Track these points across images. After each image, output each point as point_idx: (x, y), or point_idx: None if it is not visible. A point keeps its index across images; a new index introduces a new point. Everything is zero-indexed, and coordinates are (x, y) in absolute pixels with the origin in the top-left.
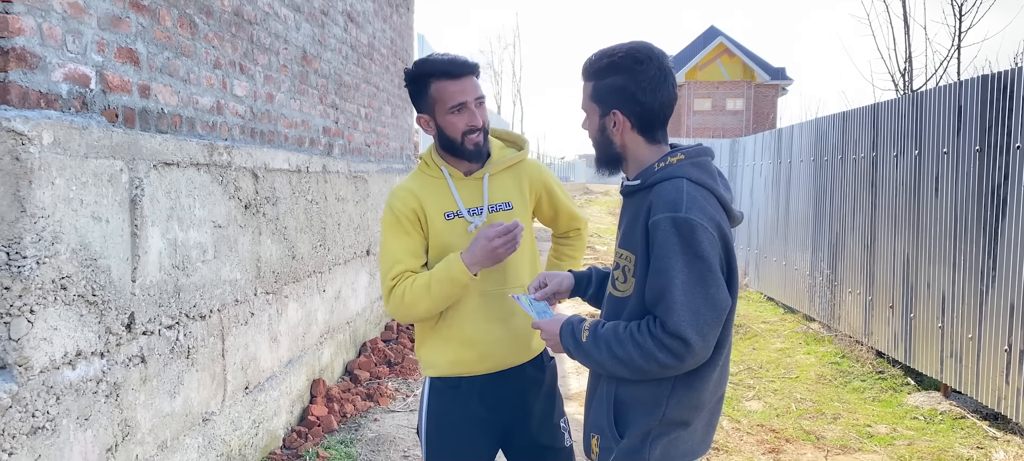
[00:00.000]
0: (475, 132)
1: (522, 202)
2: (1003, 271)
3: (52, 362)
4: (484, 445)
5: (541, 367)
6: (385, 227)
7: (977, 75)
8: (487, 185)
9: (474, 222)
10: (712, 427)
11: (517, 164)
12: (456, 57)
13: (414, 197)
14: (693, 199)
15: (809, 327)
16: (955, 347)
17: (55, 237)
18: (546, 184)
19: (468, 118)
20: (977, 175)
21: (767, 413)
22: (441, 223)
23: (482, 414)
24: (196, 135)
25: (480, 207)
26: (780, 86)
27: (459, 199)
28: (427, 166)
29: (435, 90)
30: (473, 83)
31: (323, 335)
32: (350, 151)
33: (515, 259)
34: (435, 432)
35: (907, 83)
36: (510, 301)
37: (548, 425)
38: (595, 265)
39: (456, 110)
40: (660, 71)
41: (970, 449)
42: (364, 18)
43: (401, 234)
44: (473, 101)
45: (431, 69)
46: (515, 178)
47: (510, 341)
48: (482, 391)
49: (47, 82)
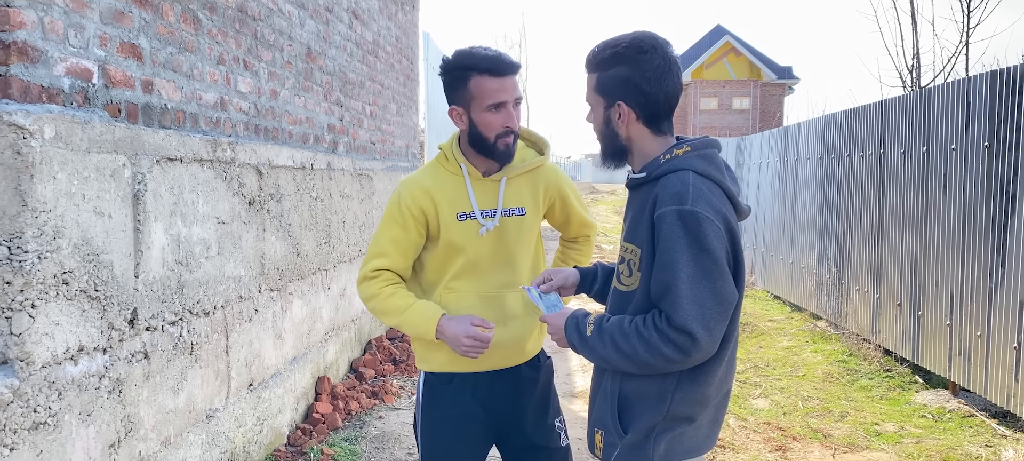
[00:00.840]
0: (509, 134)
1: (535, 208)
2: (1012, 268)
3: (54, 357)
4: (477, 440)
5: (537, 367)
6: (387, 213)
7: (986, 71)
8: (504, 188)
9: (486, 225)
10: (718, 423)
11: (536, 169)
12: (501, 54)
13: (427, 195)
14: (699, 192)
15: (816, 325)
16: (963, 345)
17: (57, 232)
18: (561, 190)
19: (504, 118)
20: (986, 172)
21: (774, 411)
22: (453, 222)
23: (476, 410)
24: (199, 131)
25: (494, 209)
26: (787, 85)
27: (474, 200)
28: (446, 160)
29: (474, 85)
30: (513, 83)
31: (328, 332)
32: (355, 149)
33: (518, 261)
34: (429, 426)
35: (915, 80)
36: (508, 303)
37: (542, 425)
38: (601, 261)
39: (494, 109)
40: (665, 61)
41: (979, 447)
42: (369, 15)
43: (398, 228)
44: (512, 102)
45: (473, 63)
46: (532, 183)
47: (507, 344)
48: (476, 387)
49: (49, 76)
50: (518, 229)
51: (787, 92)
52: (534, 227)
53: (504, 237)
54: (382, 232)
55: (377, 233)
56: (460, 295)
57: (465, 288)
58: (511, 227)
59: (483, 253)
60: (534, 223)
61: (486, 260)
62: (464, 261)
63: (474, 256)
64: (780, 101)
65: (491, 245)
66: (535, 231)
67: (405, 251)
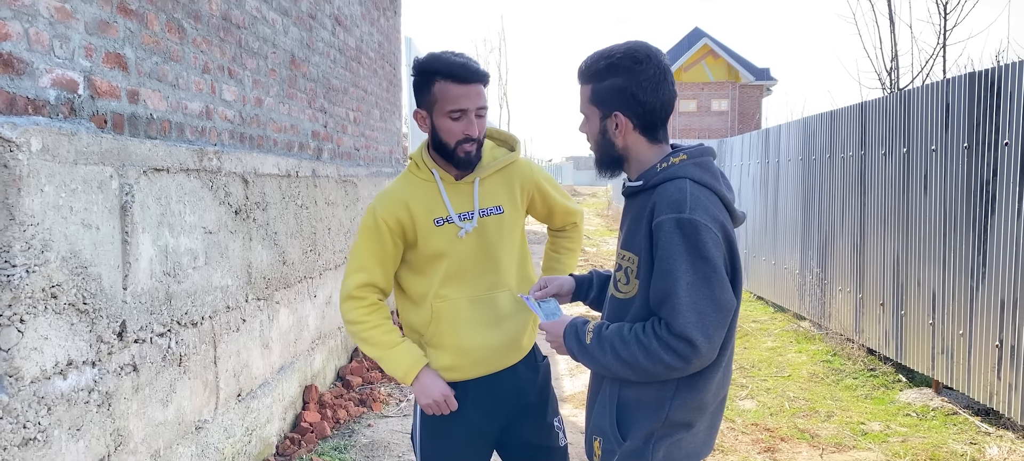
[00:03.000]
0: (470, 142)
1: (513, 205)
2: (993, 267)
3: (43, 372)
4: (478, 451)
5: (534, 366)
6: (362, 228)
7: (964, 72)
8: (478, 189)
9: (464, 227)
10: (715, 428)
11: (508, 166)
12: (468, 62)
13: (403, 205)
14: (697, 199)
15: (800, 326)
16: (946, 344)
17: (45, 245)
18: (537, 183)
19: (465, 126)
20: (965, 172)
21: (761, 412)
22: (431, 229)
23: (476, 419)
24: (185, 140)
25: (471, 212)
26: (765, 86)
27: (449, 204)
28: (417, 168)
29: (438, 89)
30: (478, 91)
31: (315, 341)
32: (339, 155)
33: (503, 261)
34: (428, 438)
35: (894, 81)
36: (500, 303)
37: (542, 424)
38: (596, 269)
39: (455, 115)
40: (659, 70)
41: (964, 445)
42: (352, 22)
43: (376, 242)
44: (474, 110)
45: (438, 67)
46: (506, 180)
47: (502, 344)
48: (475, 395)
49: (35, 88)
50: (498, 228)
51: (765, 94)
52: (515, 224)
53: (485, 238)
54: (359, 246)
55: (355, 248)
56: (451, 302)
57: (455, 295)
58: (491, 227)
59: (466, 256)
60: (514, 220)
61: (470, 263)
62: (447, 267)
63: (457, 260)
64: (758, 103)
65: (473, 248)
66: (517, 229)
67: (384, 264)
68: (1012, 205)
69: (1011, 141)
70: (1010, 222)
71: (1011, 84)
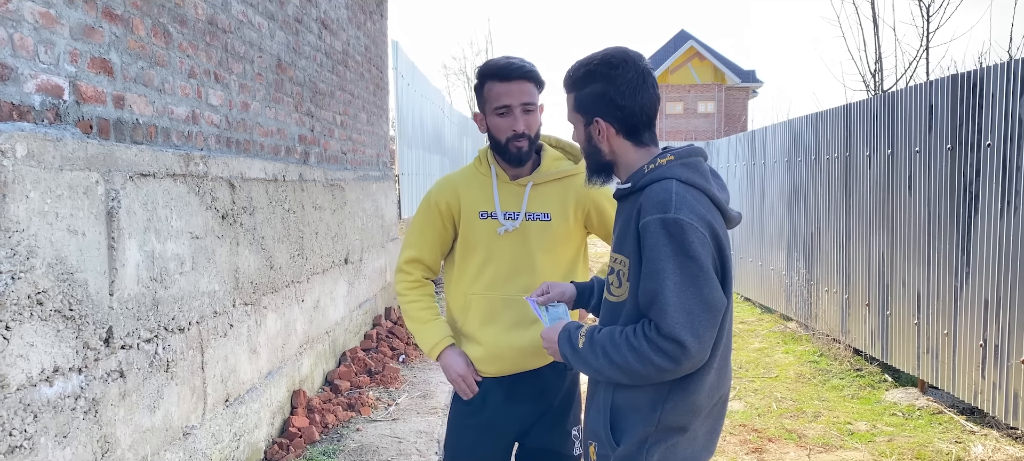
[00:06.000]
0: (519, 138)
1: (563, 215)
2: (976, 267)
3: (29, 379)
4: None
5: (562, 372)
6: (419, 208)
7: (947, 74)
8: (529, 192)
9: (506, 225)
10: (715, 432)
11: (567, 177)
12: (512, 60)
13: (453, 190)
14: (682, 199)
15: (786, 326)
16: (931, 343)
17: (30, 251)
18: (596, 200)
19: (511, 122)
20: (949, 173)
21: (748, 413)
22: (474, 220)
23: (494, 417)
24: (172, 145)
25: (517, 212)
26: (750, 88)
27: (498, 200)
28: (479, 163)
29: (487, 89)
30: (521, 87)
31: (302, 345)
32: (326, 159)
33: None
34: (451, 433)
35: (878, 83)
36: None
37: (560, 430)
38: (598, 276)
39: (501, 111)
40: (637, 74)
41: (949, 444)
42: (338, 25)
43: (427, 221)
44: (519, 106)
45: (486, 69)
46: (562, 191)
47: (527, 347)
48: (495, 392)
49: (19, 93)
50: (541, 235)
51: (751, 95)
52: (561, 235)
53: (527, 241)
54: (414, 223)
55: (411, 224)
56: (484, 298)
57: (488, 291)
58: (533, 232)
59: (503, 255)
60: (561, 231)
61: (506, 263)
62: (483, 261)
63: (491, 256)
64: (744, 104)
65: (512, 247)
66: (564, 240)
67: (432, 243)
68: (995, 205)
69: (993, 142)
70: (993, 222)
71: (993, 86)
